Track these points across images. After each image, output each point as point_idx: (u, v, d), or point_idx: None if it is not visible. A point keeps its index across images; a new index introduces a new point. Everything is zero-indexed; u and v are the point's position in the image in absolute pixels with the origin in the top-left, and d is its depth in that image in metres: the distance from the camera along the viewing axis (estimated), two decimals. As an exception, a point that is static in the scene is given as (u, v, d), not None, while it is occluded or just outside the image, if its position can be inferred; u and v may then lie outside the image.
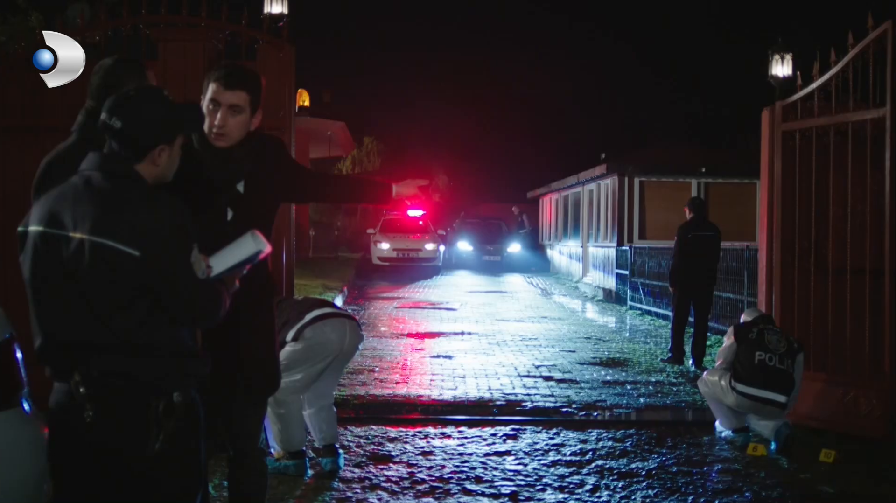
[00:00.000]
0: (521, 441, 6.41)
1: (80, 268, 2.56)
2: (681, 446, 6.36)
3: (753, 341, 6.33)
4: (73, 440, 2.62)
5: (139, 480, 2.62)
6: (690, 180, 19.06)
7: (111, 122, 2.66)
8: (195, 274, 2.62)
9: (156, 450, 2.59)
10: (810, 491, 5.39)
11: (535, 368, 9.51)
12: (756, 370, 6.25)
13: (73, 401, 2.58)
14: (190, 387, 2.70)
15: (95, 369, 2.57)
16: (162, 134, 2.70)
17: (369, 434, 6.48)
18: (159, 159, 2.71)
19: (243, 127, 3.42)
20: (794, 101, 7.06)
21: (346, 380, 8.43)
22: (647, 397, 8.14)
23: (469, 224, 30.44)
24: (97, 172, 2.66)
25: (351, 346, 5.50)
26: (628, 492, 5.28)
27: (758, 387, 6.23)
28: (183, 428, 2.65)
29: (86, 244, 2.55)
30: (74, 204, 2.60)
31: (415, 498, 5.09)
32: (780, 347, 6.28)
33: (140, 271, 2.55)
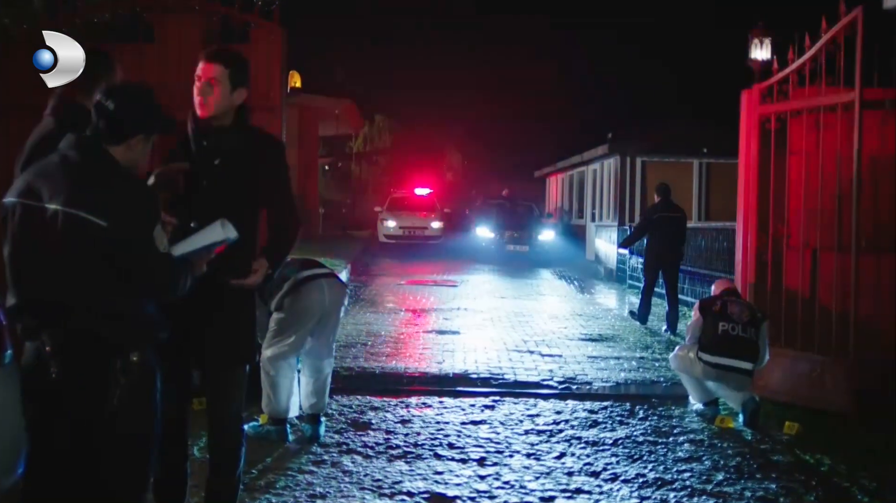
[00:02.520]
0: (498, 411, 6.68)
1: (53, 235, 2.85)
2: (651, 418, 6.61)
3: (717, 313, 6.63)
4: (40, 395, 2.92)
5: (99, 433, 2.91)
6: (692, 160, 19.21)
7: (105, 104, 2.98)
8: (156, 248, 2.91)
9: (114, 406, 2.88)
10: (767, 460, 5.63)
11: (523, 343, 9.78)
12: (720, 340, 6.54)
13: (40, 359, 2.88)
14: (147, 349, 2.99)
15: (61, 329, 2.86)
16: (144, 125, 3.03)
17: (353, 403, 6.76)
18: (135, 147, 3.02)
19: (223, 99, 3.67)
20: (770, 84, 7.24)
21: (338, 353, 8.67)
22: (628, 372, 8.39)
23: (491, 206, 25.00)
24: (73, 151, 2.96)
25: (333, 303, 5.85)
26: (592, 459, 5.54)
27: (722, 355, 6.52)
28: (139, 386, 2.95)
29: (59, 214, 2.84)
30: (51, 178, 2.91)
31: (387, 461, 5.37)
32: (744, 317, 6.58)
33: (106, 240, 2.84)
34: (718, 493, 4.98)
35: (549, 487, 4.99)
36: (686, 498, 4.89)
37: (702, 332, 6.67)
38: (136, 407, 2.96)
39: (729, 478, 5.25)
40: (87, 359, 2.89)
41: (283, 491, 4.79)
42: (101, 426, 2.91)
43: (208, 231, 3.17)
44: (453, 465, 5.33)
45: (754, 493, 4.98)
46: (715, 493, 4.97)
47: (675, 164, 19.31)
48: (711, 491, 5.01)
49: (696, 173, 19.29)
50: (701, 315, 6.73)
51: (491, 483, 5.03)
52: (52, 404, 2.91)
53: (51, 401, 2.91)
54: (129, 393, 2.91)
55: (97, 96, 3.03)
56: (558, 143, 30.81)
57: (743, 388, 6.51)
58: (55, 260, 2.87)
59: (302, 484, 4.91)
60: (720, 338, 6.54)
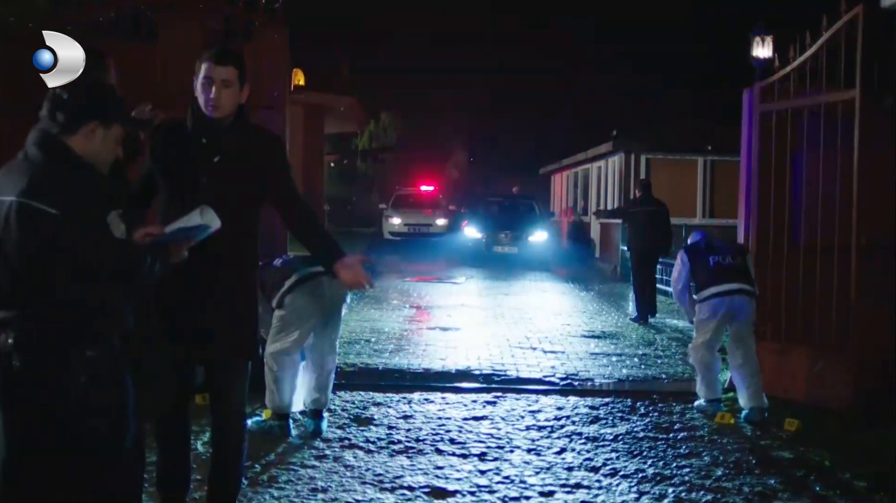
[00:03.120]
0: (500, 407, 6.73)
1: (10, 227, 2.92)
2: (652, 414, 6.65)
3: (703, 251, 6.82)
4: (4, 385, 2.97)
5: (63, 426, 2.97)
6: (696, 158, 19.23)
7: (60, 93, 3.08)
8: (110, 234, 2.95)
9: (72, 396, 2.94)
10: (767, 457, 5.67)
11: (525, 339, 9.82)
12: (715, 271, 6.69)
13: (3, 351, 2.93)
14: (106, 341, 3.03)
15: (20, 322, 2.93)
16: (96, 112, 3.08)
17: (356, 399, 6.81)
18: (93, 137, 3.06)
19: (234, 99, 3.76)
20: (771, 82, 7.27)
21: (341, 350, 8.74)
22: (630, 368, 8.43)
23: (489, 203, 23.46)
24: (33, 147, 3.04)
25: (335, 301, 5.89)
26: (592, 454, 5.58)
27: (722, 283, 6.62)
28: (102, 379, 3.00)
29: (13, 205, 2.91)
30: (13, 174, 2.99)
31: (389, 456, 5.41)
32: (730, 248, 6.87)
33: (57, 229, 2.89)
34: (717, 489, 5.01)
35: (549, 482, 5.03)
36: (685, 493, 4.93)
37: (696, 275, 6.81)
38: (99, 399, 3.01)
39: (728, 473, 5.28)
40: (46, 351, 2.95)
41: (285, 485, 4.84)
42: (62, 420, 2.97)
43: (188, 217, 3.23)
44: (454, 460, 5.38)
45: (753, 489, 5.02)
46: (714, 489, 5.01)
47: (680, 161, 19.34)
48: (710, 486, 5.05)
49: (701, 171, 19.31)
50: (688, 258, 6.85)
51: (491, 478, 5.07)
52: (14, 395, 2.98)
53: (14, 392, 2.97)
54: (91, 385, 2.97)
55: (56, 89, 3.12)
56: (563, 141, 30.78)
57: (751, 328, 6.63)
58: (13, 252, 2.93)
59: (304, 478, 4.96)
60: (715, 270, 6.69)
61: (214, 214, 3.23)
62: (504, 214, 21.86)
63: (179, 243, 3.22)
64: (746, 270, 6.74)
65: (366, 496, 4.71)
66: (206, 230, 3.24)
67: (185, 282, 3.65)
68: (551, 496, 4.82)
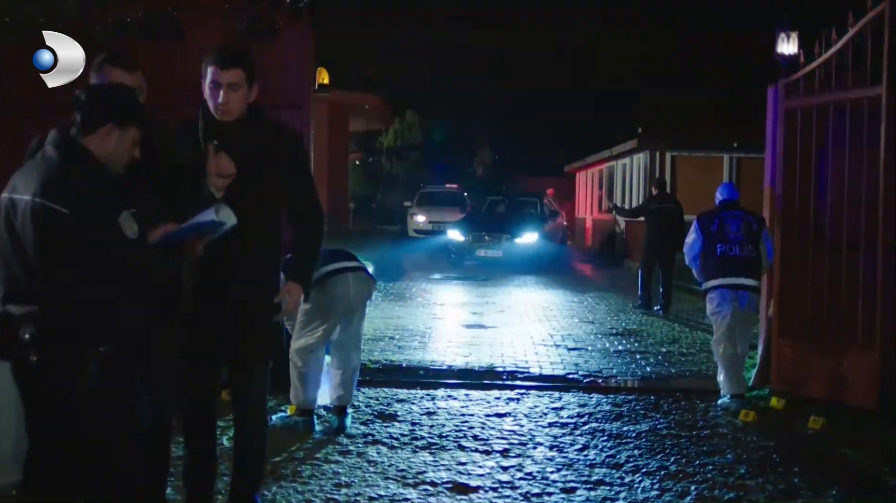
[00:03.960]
0: (523, 404, 6.74)
1: (25, 225, 2.99)
2: (675, 411, 6.64)
3: (714, 234, 6.95)
4: (23, 380, 3.09)
5: (75, 417, 3.06)
6: (722, 155, 19.11)
7: (79, 95, 3.16)
8: (122, 233, 3.01)
9: (85, 392, 3.02)
10: (790, 454, 5.63)
11: (549, 337, 9.83)
12: (721, 263, 6.89)
13: (22, 346, 3.02)
14: (118, 339, 3.10)
15: (36, 319, 3.00)
16: (113, 114, 3.15)
17: (379, 395, 6.86)
18: (109, 137, 3.13)
19: (243, 100, 3.76)
20: (796, 79, 7.22)
21: (366, 347, 8.79)
22: (654, 366, 8.41)
23: (488, 203, 21.71)
24: (51, 147, 3.11)
25: (358, 297, 5.95)
26: (615, 451, 5.59)
27: (726, 276, 6.85)
28: (111, 374, 3.07)
29: (28, 204, 2.98)
30: (30, 173, 3.06)
31: (412, 452, 5.45)
32: (740, 235, 6.91)
33: (70, 228, 2.96)
34: (740, 486, 5.00)
35: (571, 479, 5.04)
36: (707, 490, 4.92)
37: (703, 258, 6.99)
38: (110, 394, 3.08)
39: (751, 471, 5.27)
40: (59, 348, 3.02)
41: (309, 479, 4.88)
42: (75, 412, 3.06)
43: (202, 214, 3.25)
44: (477, 457, 5.40)
45: (776, 486, 5.00)
46: (736, 486, 5.00)
47: (705, 158, 19.23)
48: (733, 483, 5.04)
49: (727, 168, 19.18)
50: (700, 233, 7.01)
51: (513, 474, 5.09)
52: (32, 387, 3.08)
53: (31, 386, 3.07)
54: (103, 380, 3.04)
55: (76, 91, 3.19)
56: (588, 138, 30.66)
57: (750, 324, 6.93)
58: (29, 250, 3.00)
59: (328, 473, 5.01)
60: (720, 260, 6.88)
61: (230, 212, 3.26)
62: (497, 215, 19.97)
63: (193, 240, 3.26)
64: (753, 260, 6.88)
65: (388, 491, 4.74)
66: (222, 227, 3.27)
67: (207, 283, 3.70)
68: (573, 492, 4.83)
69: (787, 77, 7.37)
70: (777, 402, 6.77)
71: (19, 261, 3.02)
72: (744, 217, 7.03)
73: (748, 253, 6.87)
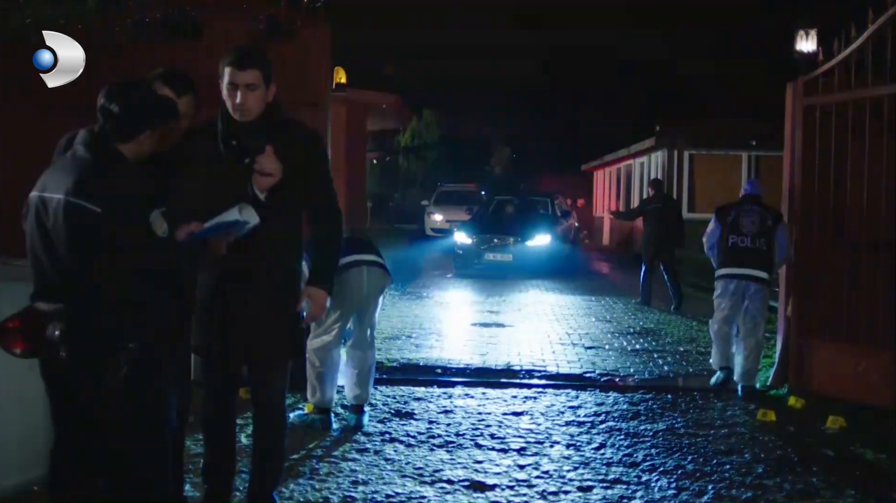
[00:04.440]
0: (540, 403, 6.75)
1: (57, 224, 3.02)
2: (693, 411, 6.62)
3: (729, 225, 7.30)
4: (54, 374, 3.13)
5: (103, 412, 3.10)
6: (741, 153, 19.01)
7: (110, 107, 3.13)
8: (153, 232, 3.05)
9: (113, 388, 3.06)
10: (809, 454, 5.61)
11: (566, 336, 9.83)
12: (730, 253, 7.25)
13: (53, 342, 3.06)
14: (147, 335, 3.14)
15: (67, 316, 3.05)
16: (150, 123, 3.18)
17: (396, 394, 6.88)
18: (144, 143, 3.18)
19: (261, 101, 3.77)
20: (815, 76, 7.18)
21: (383, 345, 8.87)
22: (671, 365, 8.39)
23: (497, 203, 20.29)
24: (82, 147, 3.14)
25: (372, 291, 5.96)
26: (632, 450, 5.58)
27: (734, 266, 7.22)
28: (140, 370, 3.11)
29: (60, 203, 3.02)
30: (60, 173, 3.10)
31: (429, 450, 5.47)
32: (753, 229, 7.19)
33: (102, 227, 2.99)
34: (758, 485, 4.98)
35: (588, 477, 5.04)
36: (724, 489, 4.91)
37: (719, 247, 7.36)
38: (140, 390, 3.13)
39: (769, 470, 5.25)
40: (90, 343, 3.07)
41: (326, 477, 4.91)
42: (103, 407, 3.10)
43: (226, 213, 3.29)
44: (493, 455, 5.41)
45: (794, 486, 4.98)
46: (754, 485, 4.98)
47: (724, 157, 19.14)
48: (751, 483, 5.02)
49: (745, 166, 19.09)
50: (718, 223, 7.39)
51: (530, 472, 5.10)
52: (61, 382, 3.12)
53: (61, 382, 3.11)
54: (130, 377, 3.08)
55: (100, 99, 3.16)
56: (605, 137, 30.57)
57: (762, 312, 7.19)
58: (61, 248, 3.04)
59: (345, 471, 5.03)
60: (730, 252, 7.24)
61: (253, 211, 3.31)
62: (507, 216, 18.56)
63: (218, 238, 3.30)
64: (763, 255, 7.13)
65: (405, 489, 4.76)
66: (245, 226, 3.31)
67: (228, 283, 3.73)
68: (590, 491, 4.83)
69: (806, 74, 7.34)
70: (795, 402, 6.75)
71: (50, 259, 3.06)
72: (760, 212, 7.28)
73: (759, 246, 7.14)
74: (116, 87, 3.18)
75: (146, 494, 3.19)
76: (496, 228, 17.56)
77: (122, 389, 3.07)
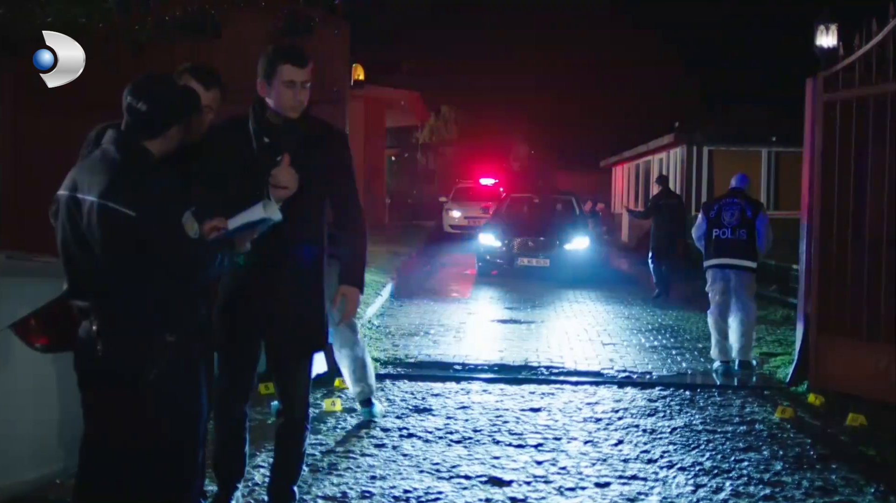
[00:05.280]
0: (557, 399, 6.75)
1: (91, 226, 3.05)
2: (710, 407, 6.61)
3: (712, 220, 8.03)
4: (88, 369, 3.17)
5: (139, 406, 3.13)
6: (761, 149, 18.91)
7: (137, 106, 3.13)
8: (185, 233, 3.07)
9: (150, 382, 3.09)
10: (828, 451, 5.59)
11: (583, 332, 9.82)
12: (714, 245, 8.01)
13: (89, 337, 3.11)
14: (183, 330, 3.18)
15: (103, 312, 3.09)
16: (177, 118, 3.20)
17: (414, 390, 6.90)
18: (171, 138, 3.20)
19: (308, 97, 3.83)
20: (835, 71, 7.13)
21: (400, 341, 8.91)
22: (689, 361, 8.37)
23: (516, 204, 18.47)
24: (111, 146, 3.16)
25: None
26: (649, 446, 5.58)
27: (718, 257, 7.97)
28: (176, 364, 3.14)
29: (94, 206, 3.04)
30: (91, 172, 3.12)
31: (446, 446, 5.48)
32: (733, 221, 7.90)
33: (136, 229, 3.02)
34: (776, 482, 4.97)
35: (605, 473, 5.05)
36: (742, 486, 4.90)
37: (706, 240, 8.08)
38: (174, 384, 3.16)
39: (788, 467, 5.24)
40: (127, 339, 3.11)
41: (344, 472, 4.94)
42: (140, 401, 3.13)
43: (249, 211, 3.32)
44: (511, 451, 5.43)
45: (813, 483, 4.96)
46: (772, 482, 4.97)
47: (743, 152, 19.04)
48: (769, 480, 5.01)
49: (765, 162, 18.99)
50: (703, 217, 8.13)
51: (547, 468, 5.11)
52: (98, 380, 3.15)
53: (97, 376, 3.15)
54: (166, 373, 3.12)
55: (126, 97, 3.17)
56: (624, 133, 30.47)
57: (748, 294, 7.90)
58: (96, 248, 3.07)
59: (363, 466, 5.06)
60: (714, 244, 8.00)
61: (276, 208, 3.34)
62: (532, 216, 17.07)
63: (243, 236, 3.34)
64: (744, 244, 7.88)
65: (423, 484, 4.78)
66: (269, 223, 3.35)
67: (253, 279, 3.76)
68: (607, 487, 4.84)
69: (827, 70, 7.29)
70: (815, 399, 6.73)
71: (84, 257, 3.10)
72: (740, 204, 8.01)
73: (739, 236, 7.88)
74: (141, 83, 3.19)
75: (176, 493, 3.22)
76: (528, 230, 15.79)
77: (157, 385, 3.10)
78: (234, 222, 3.27)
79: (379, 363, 7.71)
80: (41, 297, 3.68)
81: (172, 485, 3.22)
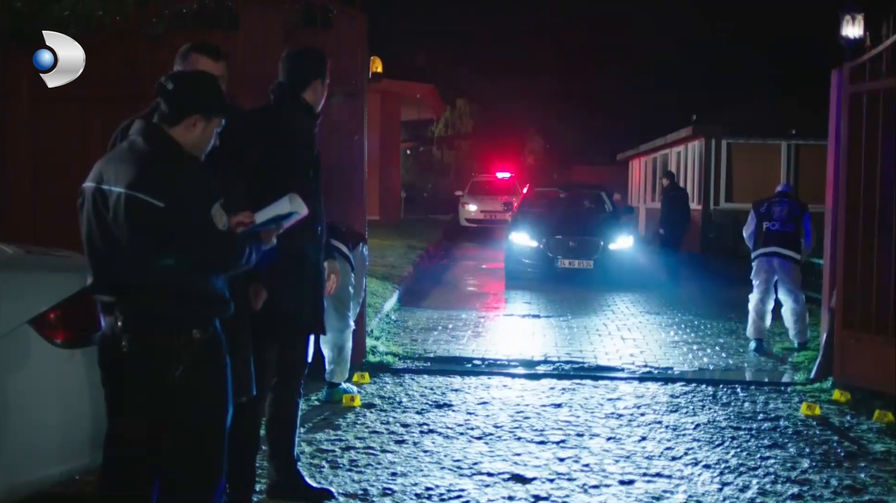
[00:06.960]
0: (578, 394, 6.68)
1: (118, 217, 2.98)
2: (734, 403, 6.51)
3: (763, 214, 8.54)
4: (113, 365, 3.11)
5: (166, 403, 3.07)
6: (779, 142, 18.68)
7: (165, 84, 3.13)
8: (214, 225, 3.00)
9: (177, 378, 3.03)
10: (856, 449, 5.49)
11: (604, 327, 9.72)
12: (762, 236, 8.51)
13: (114, 333, 3.05)
14: (210, 325, 3.12)
15: (130, 306, 3.03)
16: (200, 105, 3.13)
17: (434, 385, 6.84)
18: (195, 128, 3.12)
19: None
20: (861, 62, 7.00)
21: (419, 337, 8.85)
22: (711, 356, 8.27)
23: (543, 200, 17.05)
24: (139, 137, 3.10)
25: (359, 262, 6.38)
26: (674, 443, 5.50)
27: (766, 246, 8.44)
28: (203, 360, 3.09)
29: (122, 197, 2.97)
30: (118, 164, 3.06)
31: (467, 442, 5.42)
32: (783, 215, 8.43)
33: (164, 221, 2.96)
34: (804, 481, 4.88)
35: (629, 471, 4.97)
36: (769, 484, 4.82)
37: (755, 235, 8.59)
38: (201, 381, 3.10)
39: (815, 465, 5.15)
40: (153, 334, 3.05)
41: (364, 468, 4.88)
42: (166, 398, 3.06)
43: (276, 205, 3.28)
44: (532, 447, 5.36)
45: (841, 482, 4.87)
46: (800, 481, 4.88)
47: (762, 146, 18.84)
48: (796, 478, 4.92)
49: (785, 155, 18.78)
50: (754, 215, 8.61)
51: (570, 465, 5.04)
52: (122, 376, 3.09)
53: (122, 372, 3.08)
54: (193, 368, 3.06)
55: (162, 79, 3.17)
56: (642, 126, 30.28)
57: (793, 283, 8.40)
58: (121, 241, 3.01)
59: (384, 462, 5.00)
60: (764, 234, 8.49)
61: (301, 201, 3.28)
62: (566, 213, 15.35)
63: (270, 231, 3.28)
64: (792, 237, 8.42)
65: (444, 481, 4.72)
66: (294, 216, 3.30)
67: None
68: (631, 485, 4.76)
69: (852, 60, 7.16)
70: (840, 395, 6.62)
71: (110, 250, 3.04)
72: (789, 203, 8.58)
73: (787, 229, 8.42)
74: (177, 72, 3.30)
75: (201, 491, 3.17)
76: (565, 228, 13.98)
77: (184, 381, 3.05)
78: (262, 216, 3.21)
79: (398, 358, 7.66)
80: (61, 292, 3.63)
81: (198, 482, 3.16)
